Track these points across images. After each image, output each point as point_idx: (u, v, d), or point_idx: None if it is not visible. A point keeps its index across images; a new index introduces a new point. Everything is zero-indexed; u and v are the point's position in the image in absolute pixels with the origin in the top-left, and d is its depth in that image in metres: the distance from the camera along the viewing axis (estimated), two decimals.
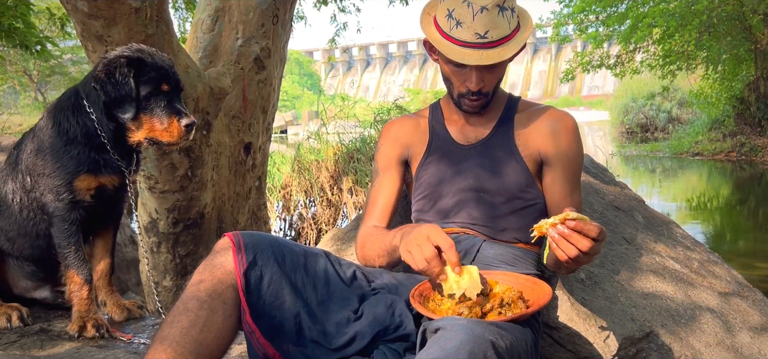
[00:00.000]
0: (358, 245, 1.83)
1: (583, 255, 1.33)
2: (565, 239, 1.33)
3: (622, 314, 1.89)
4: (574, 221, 1.32)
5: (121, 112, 1.79)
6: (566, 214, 1.33)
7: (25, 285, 2.06)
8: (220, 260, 1.43)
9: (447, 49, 1.63)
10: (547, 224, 1.36)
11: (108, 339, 1.88)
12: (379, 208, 1.84)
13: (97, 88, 1.78)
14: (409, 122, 1.91)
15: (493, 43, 1.60)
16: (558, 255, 1.36)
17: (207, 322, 1.35)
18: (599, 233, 1.32)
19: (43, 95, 19.66)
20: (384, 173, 1.87)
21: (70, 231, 1.85)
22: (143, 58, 1.79)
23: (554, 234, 1.34)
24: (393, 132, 1.91)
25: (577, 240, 1.32)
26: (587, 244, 1.31)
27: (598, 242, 1.33)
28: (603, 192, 2.50)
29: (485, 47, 1.60)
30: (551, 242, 1.36)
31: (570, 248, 1.32)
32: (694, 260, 2.31)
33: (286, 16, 3.67)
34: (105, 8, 2.31)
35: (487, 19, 1.57)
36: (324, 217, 7.06)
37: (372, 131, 7.44)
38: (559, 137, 1.73)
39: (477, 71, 1.65)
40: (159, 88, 1.80)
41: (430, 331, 1.20)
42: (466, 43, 1.60)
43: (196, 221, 3.21)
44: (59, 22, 7.53)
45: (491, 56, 1.60)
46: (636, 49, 14.73)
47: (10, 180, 1.92)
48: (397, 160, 1.87)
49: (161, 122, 1.80)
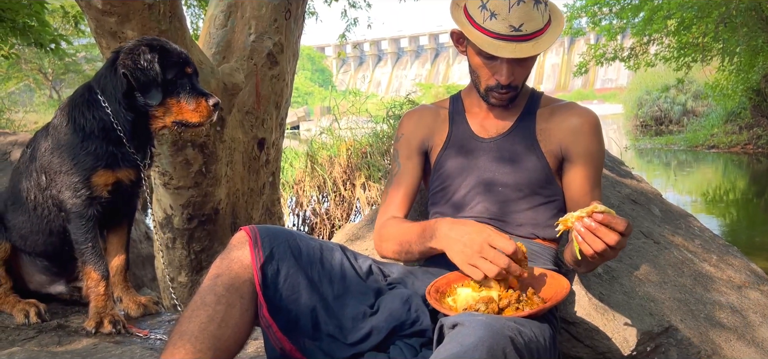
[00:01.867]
0: (377, 236, 1.81)
1: (609, 250, 1.31)
2: (592, 233, 1.31)
3: (641, 308, 1.87)
4: (601, 214, 1.30)
5: (149, 98, 1.82)
6: (594, 207, 1.31)
7: (40, 280, 2.08)
8: (236, 254, 1.43)
9: (480, 41, 1.60)
10: (572, 217, 1.34)
11: (124, 335, 1.89)
12: (400, 197, 1.82)
13: (127, 75, 1.79)
14: (430, 112, 1.89)
15: (527, 37, 1.57)
16: (584, 249, 1.34)
17: (225, 317, 1.35)
18: (626, 227, 1.30)
19: (58, 92, 19.83)
20: (405, 162, 1.85)
21: (87, 227, 1.85)
22: (163, 44, 1.84)
23: (580, 228, 1.32)
24: (414, 121, 1.89)
25: (604, 234, 1.30)
26: (614, 238, 1.29)
27: (625, 237, 1.31)
28: (619, 185, 2.47)
29: (519, 40, 1.57)
30: (577, 236, 1.34)
31: (597, 242, 1.31)
32: (713, 254, 2.28)
33: (299, 11, 3.67)
34: (118, 4, 2.31)
35: (522, 11, 1.55)
36: (337, 213, 7.07)
37: (384, 126, 7.42)
38: (581, 133, 1.71)
39: (508, 65, 1.63)
40: (183, 72, 1.85)
41: (447, 327, 1.19)
42: (500, 36, 1.57)
43: (210, 217, 3.21)
44: (73, 20, 7.57)
45: (525, 50, 1.57)
46: (650, 42, 14.58)
47: (24, 179, 1.93)
48: (418, 149, 1.86)
49: (189, 104, 1.85)
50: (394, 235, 1.71)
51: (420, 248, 1.63)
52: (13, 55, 6.74)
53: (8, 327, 1.92)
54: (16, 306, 1.96)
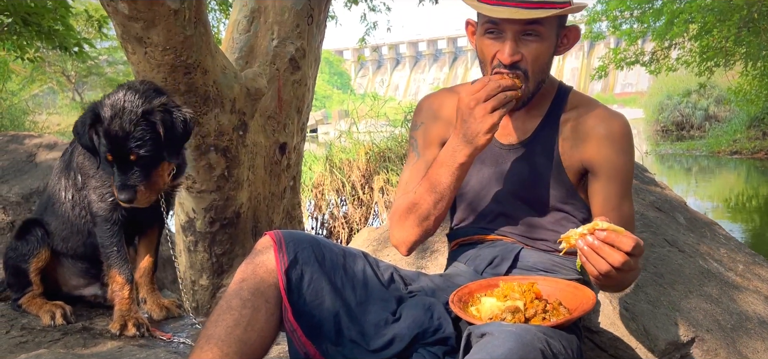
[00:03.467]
0: (393, 222, 1.68)
1: (614, 271, 1.21)
2: (595, 252, 1.22)
3: (666, 318, 1.85)
4: (604, 231, 1.20)
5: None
6: (595, 224, 1.22)
7: (76, 283, 2.10)
8: (261, 258, 1.43)
9: (481, 7, 1.47)
10: (575, 234, 1.25)
11: (148, 338, 1.91)
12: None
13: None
14: (449, 100, 1.72)
15: (532, 4, 1.42)
16: (588, 269, 1.26)
17: (250, 321, 1.36)
18: (634, 247, 1.19)
19: (80, 95, 20.08)
20: (424, 151, 1.72)
21: (112, 231, 1.88)
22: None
23: (583, 246, 1.23)
24: (434, 108, 1.74)
25: (608, 254, 1.20)
26: (619, 259, 1.19)
27: (634, 258, 1.20)
28: (643, 192, 2.45)
29: (523, 6, 1.42)
30: (581, 256, 1.25)
31: (600, 263, 1.21)
32: (739, 263, 2.25)
33: (321, 16, 3.68)
34: (144, 10, 2.34)
35: None
36: (355, 216, 7.09)
37: (402, 129, 7.42)
38: (607, 143, 1.55)
39: (512, 39, 1.46)
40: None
41: (475, 336, 1.18)
42: (501, 1, 1.43)
43: (232, 221, 3.24)
44: (97, 24, 7.68)
45: (527, 13, 1.41)
46: (671, 46, 14.41)
47: (64, 178, 1.96)
48: (438, 140, 1.71)
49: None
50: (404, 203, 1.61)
51: (431, 189, 1.55)
52: (38, 58, 6.83)
53: (34, 329, 1.95)
54: (42, 308, 1.99)
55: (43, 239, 1.98)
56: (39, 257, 1.98)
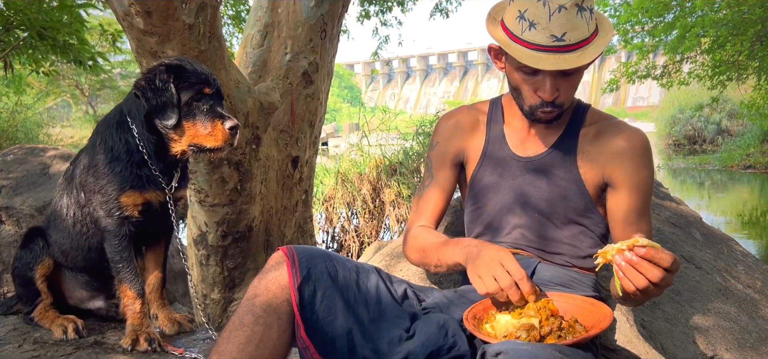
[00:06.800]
0: (408, 247, 1.75)
1: (653, 287, 1.22)
2: (634, 268, 1.23)
3: (684, 336, 1.82)
4: (644, 248, 1.21)
5: (163, 119, 1.77)
6: (635, 240, 1.23)
7: (80, 296, 2.11)
8: (274, 274, 1.43)
9: (519, 53, 1.46)
10: (613, 250, 1.26)
11: (160, 353, 1.90)
12: (430, 210, 1.76)
13: (139, 95, 1.77)
14: (468, 118, 1.77)
15: (570, 47, 1.43)
16: (625, 285, 1.26)
17: (263, 338, 1.35)
18: (672, 263, 1.21)
19: (94, 108, 20.25)
20: (437, 174, 1.76)
21: (121, 246, 1.87)
22: (182, 65, 1.79)
23: (621, 262, 1.24)
24: (450, 128, 1.77)
25: (647, 269, 1.21)
26: (658, 274, 1.20)
27: (671, 273, 1.22)
28: (659, 208, 2.42)
29: (562, 51, 1.43)
30: (617, 271, 1.26)
31: (638, 279, 1.22)
32: (757, 280, 2.21)
33: (334, 31, 3.69)
34: (159, 25, 2.35)
35: (564, 19, 1.41)
36: (366, 229, 7.07)
37: (413, 142, 7.42)
38: (626, 159, 1.56)
39: (552, 79, 1.48)
40: (201, 93, 1.78)
41: (490, 355, 1.16)
42: (540, 47, 1.44)
43: (244, 235, 3.23)
44: (111, 38, 7.74)
45: (569, 60, 1.43)
46: (683, 60, 14.34)
47: (65, 195, 1.97)
48: (452, 161, 1.76)
49: (204, 127, 1.77)
50: (429, 250, 1.65)
51: (439, 257, 1.59)
52: (53, 71, 6.90)
53: (47, 343, 1.95)
54: (54, 322, 1.99)
55: (45, 248, 2.00)
56: (43, 264, 1.99)
